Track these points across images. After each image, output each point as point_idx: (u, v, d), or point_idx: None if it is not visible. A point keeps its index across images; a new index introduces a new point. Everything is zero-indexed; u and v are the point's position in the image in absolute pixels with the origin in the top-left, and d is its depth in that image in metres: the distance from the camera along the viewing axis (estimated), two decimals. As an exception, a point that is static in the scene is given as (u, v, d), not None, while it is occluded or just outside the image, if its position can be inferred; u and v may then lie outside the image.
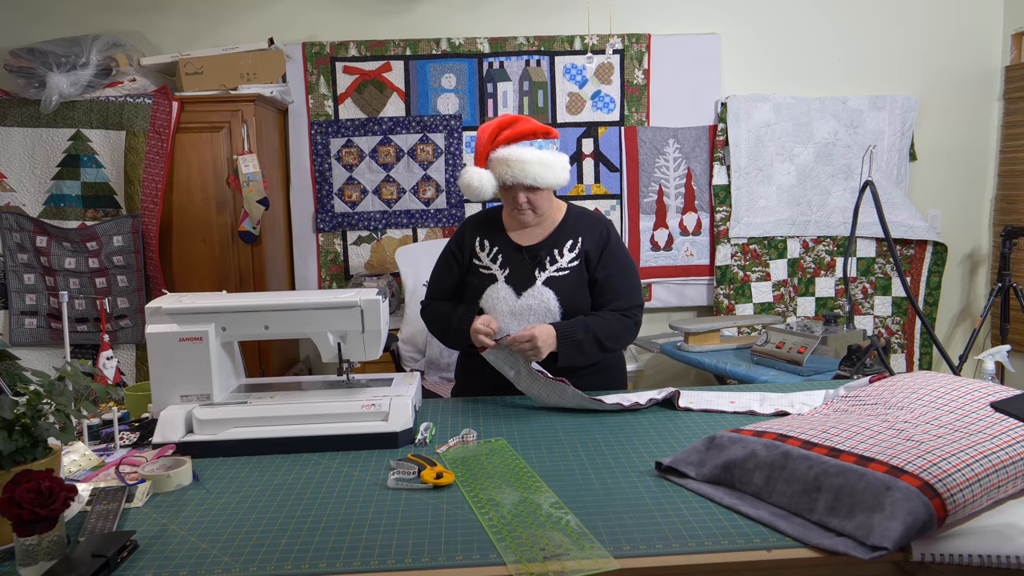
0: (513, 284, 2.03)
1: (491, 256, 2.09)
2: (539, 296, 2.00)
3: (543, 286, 2.01)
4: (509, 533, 1.19)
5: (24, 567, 1.12)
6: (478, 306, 2.06)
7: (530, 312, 2.00)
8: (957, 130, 3.87)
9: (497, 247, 2.09)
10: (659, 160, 3.76)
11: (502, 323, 2.00)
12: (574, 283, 2.03)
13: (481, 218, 2.19)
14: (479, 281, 2.07)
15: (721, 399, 1.91)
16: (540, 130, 2.02)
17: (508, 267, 2.06)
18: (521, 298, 2.01)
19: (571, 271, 2.04)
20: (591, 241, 2.07)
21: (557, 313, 2.00)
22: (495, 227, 2.14)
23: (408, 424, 1.65)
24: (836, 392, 1.61)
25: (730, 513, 1.25)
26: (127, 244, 3.22)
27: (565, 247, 2.06)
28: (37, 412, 1.25)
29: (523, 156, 1.97)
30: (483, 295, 2.04)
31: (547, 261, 2.04)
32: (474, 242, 2.13)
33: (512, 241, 2.09)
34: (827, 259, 3.87)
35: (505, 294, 2.02)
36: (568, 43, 3.68)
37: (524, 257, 2.06)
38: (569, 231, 2.08)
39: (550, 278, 2.03)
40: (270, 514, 1.30)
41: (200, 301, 1.73)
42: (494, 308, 2.02)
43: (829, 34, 3.76)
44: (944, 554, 1.11)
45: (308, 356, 3.86)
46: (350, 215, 3.72)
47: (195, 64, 3.26)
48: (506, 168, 1.97)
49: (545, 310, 2.00)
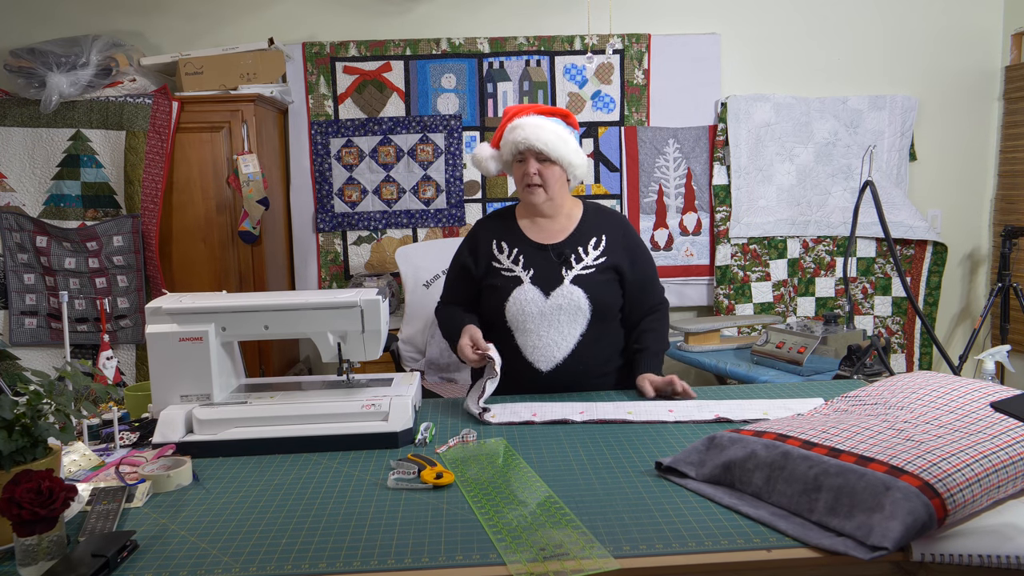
0: (540, 285, 2.00)
1: (512, 258, 2.04)
2: (568, 295, 1.98)
3: (572, 285, 1.99)
4: (509, 533, 1.19)
5: (24, 567, 1.12)
6: (475, 317, 2.05)
7: (560, 312, 1.98)
8: (957, 130, 3.87)
9: (517, 248, 2.05)
10: (659, 160, 3.76)
11: (532, 325, 1.98)
12: (602, 281, 2.01)
13: (494, 219, 2.15)
14: (503, 284, 2.02)
15: (659, 408, 1.82)
16: (561, 112, 2.04)
17: (532, 268, 2.02)
18: (550, 298, 1.98)
19: (597, 269, 2.02)
20: (615, 239, 2.06)
21: (587, 311, 1.98)
22: (510, 227, 2.10)
23: (408, 424, 1.64)
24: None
25: (730, 513, 1.25)
26: (127, 244, 3.22)
27: (589, 244, 2.04)
28: (37, 412, 1.25)
29: (539, 123, 1.98)
30: (509, 298, 2.00)
31: (572, 259, 2.02)
32: (491, 245, 2.08)
33: (532, 241, 2.06)
34: (827, 259, 3.87)
35: (533, 295, 1.99)
36: (568, 43, 3.68)
37: (549, 256, 2.03)
38: (591, 228, 2.07)
39: (577, 276, 2.00)
40: (270, 514, 1.30)
41: (200, 301, 1.73)
42: (522, 310, 1.98)
43: (829, 34, 3.76)
44: (944, 554, 1.11)
45: (308, 356, 3.86)
46: (350, 215, 3.72)
47: (195, 64, 3.26)
48: (520, 132, 1.96)
49: (576, 309, 1.98)
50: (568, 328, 1.99)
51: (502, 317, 2.01)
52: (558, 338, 1.99)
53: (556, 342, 1.99)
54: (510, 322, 2.01)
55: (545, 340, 1.99)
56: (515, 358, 2.01)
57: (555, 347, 1.99)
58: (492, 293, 2.04)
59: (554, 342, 1.99)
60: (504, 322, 2.02)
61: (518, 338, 2.01)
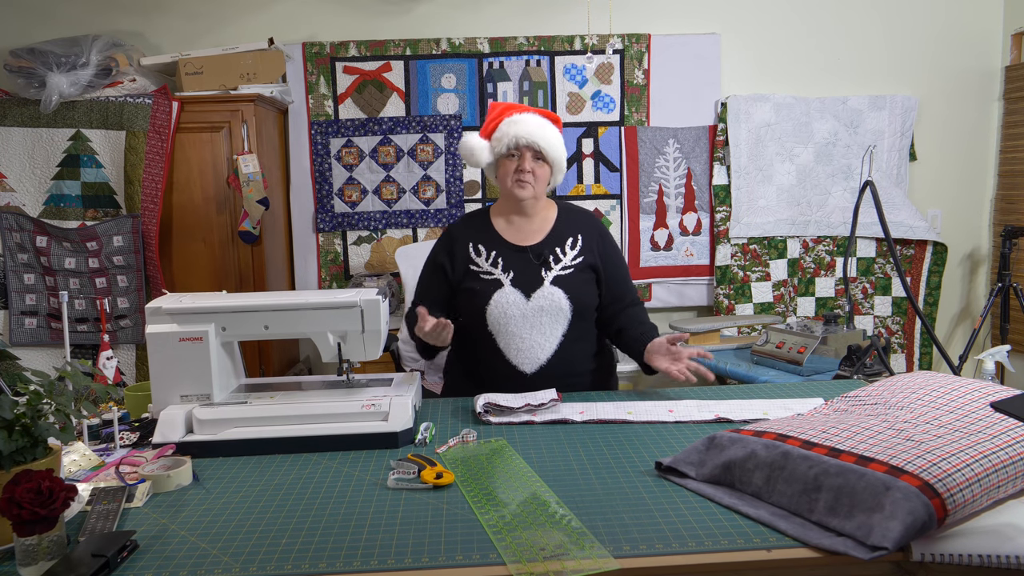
0: (520, 287, 2.00)
1: (490, 260, 2.04)
2: (549, 296, 1.98)
3: (552, 286, 2.00)
4: (509, 533, 1.19)
5: (24, 567, 1.12)
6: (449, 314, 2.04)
7: (542, 313, 1.98)
8: (957, 130, 3.87)
9: (495, 250, 2.05)
10: (659, 160, 3.76)
11: (514, 328, 1.98)
12: (581, 280, 2.02)
13: (467, 222, 2.13)
14: (483, 287, 2.01)
15: (659, 408, 1.82)
16: (552, 116, 2.06)
17: (512, 270, 2.02)
18: (531, 300, 1.99)
19: (575, 268, 2.03)
20: (590, 238, 2.08)
21: (568, 311, 1.99)
22: (486, 229, 2.09)
23: (408, 424, 1.64)
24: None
25: (730, 513, 1.25)
26: (127, 244, 3.22)
27: (567, 244, 2.05)
28: (37, 412, 1.25)
29: (540, 122, 2.00)
30: (490, 301, 1.99)
31: (551, 260, 2.03)
32: (467, 248, 2.06)
33: (509, 243, 2.06)
34: (827, 259, 3.87)
35: (514, 298, 1.98)
36: (568, 43, 3.68)
37: (528, 257, 2.03)
38: (567, 228, 2.08)
39: (557, 277, 2.01)
40: (270, 514, 1.30)
41: (200, 301, 1.73)
42: (504, 313, 1.98)
43: (829, 34, 3.76)
44: (944, 554, 1.11)
45: (308, 356, 3.86)
46: (350, 215, 3.72)
47: (195, 64, 3.26)
48: (523, 127, 1.97)
49: (557, 310, 1.98)
50: (550, 329, 2.00)
51: (483, 321, 2.00)
52: (541, 340, 1.99)
53: (539, 343, 1.99)
54: (491, 326, 2.00)
55: (528, 342, 1.99)
56: (498, 361, 2.01)
57: (538, 349, 1.99)
58: (472, 297, 2.02)
59: (537, 344, 1.99)
60: (485, 326, 2.01)
61: (500, 341, 2.01)
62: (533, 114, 2.02)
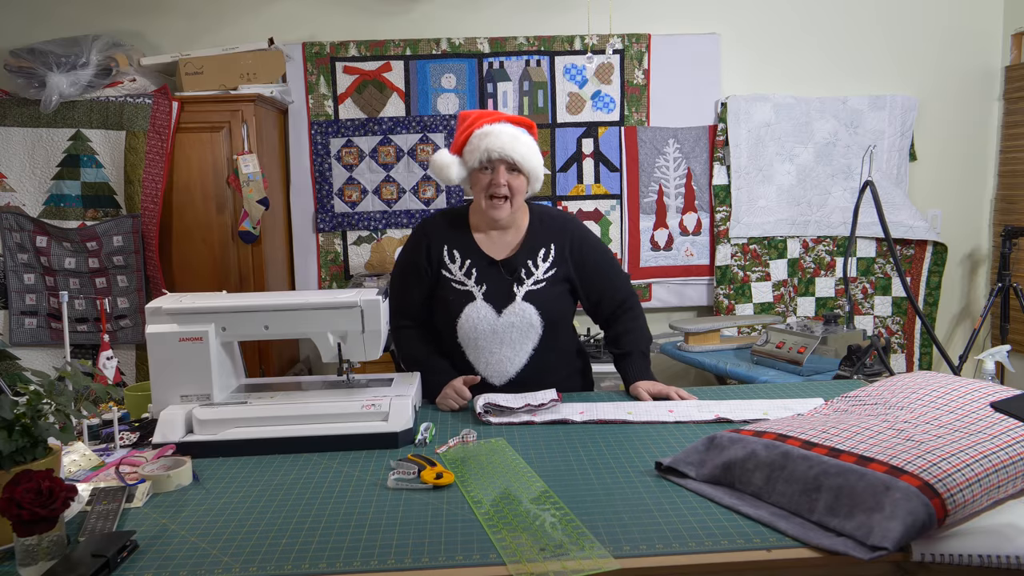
0: (492, 302, 1.95)
1: (464, 270, 1.97)
2: (520, 313, 1.94)
3: (524, 302, 1.94)
4: (509, 533, 1.19)
5: (24, 567, 1.12)
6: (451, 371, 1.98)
7: (512, 329, 1.95)
8: (957, 130, 3.87)
9: (470, 260, 1.97)
10: (659, 160, 3.76)
11: (483, 343, 1.96)
12: (553, 294, 1.97)
13: (443, 221, 2.04)
14: (455, 298, 1.96)
15: (659, 408, 1.83)
16: (525, 122, 1.97)
17: (485, 283, 1.96)
18: (502, 316, 1.94)
19: (548, 282, 1.97)
20: (562, 247, 2.00)
21: (539, 327, 1.95)
22: (463, 235, 2.00)
23: (408, 424, 1.65)
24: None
25: (730, 513, 1.25)
26: (127, 244, 3.22)
27: (539, 257, 1.98)
28: (37, 412, 1.25)
29: (513, 132, 1.90)
30: (461, 315, 1.95)
31: (523, 274, 1.96)
32: (441, 251, 1.99)
33: (484, 253, 1.98)
34: (827, 259, 3.87)
35: (485, 313, 1.94)
36: (568, 43, 3.68)
37: (499, 271, 1.97)
38: (538, 239, 2.00)
39: (528, 292, 1.95)
40: (270, 514, 1.30)
41: (200, 301, 1.73)
42: (475, 328, 1.94)
43: (829, 34, 3.76)
44: (944, 554, 1.11)
45: (308, 356, 3.86)
46: (350, 215, 3.72)
47: (195, 64, 3.26)
48: (493, 139, 1.87)
49: (527, 326, 1.95)
50: (520, 344, 1.97)
51: (453, 332, 1.98)
52: (511, 354, 1.97)
53: (509, 358, 1.98)
54: (461, 339, 1.98)
55: (498, 356, 1.98)
56: (468, 371, 2.00)
57: (508, 363, 1.98)
58: (444, 307, 1.98)
59: (507, 358, 1.98)
60: (455, 337, 1.99)
61: (470, 354, 2.00)
62: (505, 123, 1.92)
